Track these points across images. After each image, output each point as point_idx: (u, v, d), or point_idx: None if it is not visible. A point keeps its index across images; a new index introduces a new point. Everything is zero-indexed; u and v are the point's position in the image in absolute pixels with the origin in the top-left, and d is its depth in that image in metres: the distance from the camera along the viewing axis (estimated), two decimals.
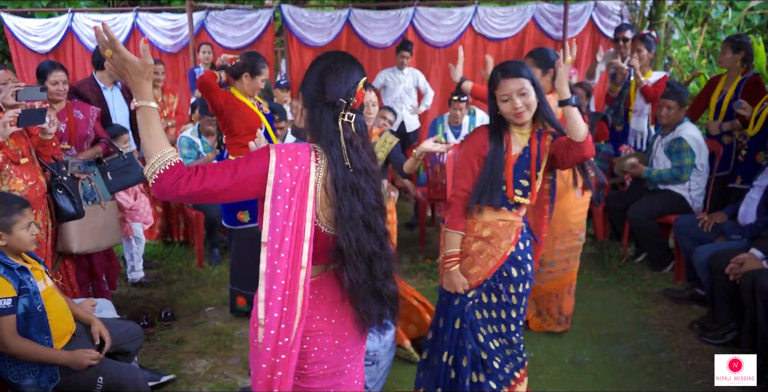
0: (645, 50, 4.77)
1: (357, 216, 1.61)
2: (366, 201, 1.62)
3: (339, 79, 1.62)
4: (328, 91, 1.62)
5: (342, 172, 1.59)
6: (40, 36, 7.05)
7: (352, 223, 1.61)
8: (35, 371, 2.29)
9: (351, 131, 1.63)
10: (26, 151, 3.03)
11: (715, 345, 3.33)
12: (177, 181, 1.50)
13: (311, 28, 6.95)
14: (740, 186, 4.11)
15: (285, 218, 1.56)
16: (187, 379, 3.11)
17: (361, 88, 1.65)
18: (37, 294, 2.27)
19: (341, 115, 1.61)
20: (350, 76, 1.64)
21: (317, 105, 1.63)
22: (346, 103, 1.61)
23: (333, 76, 1.63)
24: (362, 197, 1.61)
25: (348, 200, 1.60)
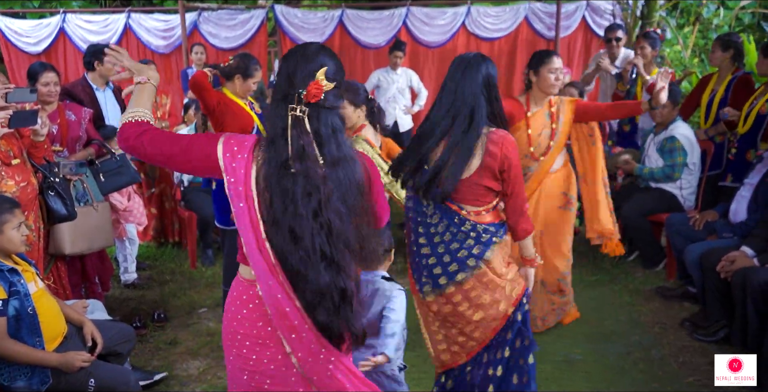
0: (649, 48, 4.72)
1: (281, 224, 1.46)
2: (300, 211, 1.45)
3: (297, 70, 1.50)
4: (284, 83, 1.51)
5: (274, 171, 1.46)
6: (32, 37, 7.03)
7: (275, 229, 1.47)
8: (27, 373, 2.29)
9: (302, 128, 1.47)
10: (18, 152, 3.02)
11: (706, 343, 3.35)
12: (140, 134, 1.55)
13: (304, 28, 6.95)
14: (731, 184, 4.13)
15: (237, 205, 1.50)
16: (180, 380, 3.11)
17: (319, 78, 1.48)
18: (27, 296, 2.26)
19: (291, 108, 1.48)
20: (307, 66, 1.50)
21: (276, 99, 1.53)
22: (296, 96, 1.48)
23: (292, 67, 1.51)
24: (295, 204, 1.45)
25: (276, 204, 1.46)
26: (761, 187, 3.49)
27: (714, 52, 4.39)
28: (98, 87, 4.31)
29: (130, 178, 3.83)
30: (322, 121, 1.50)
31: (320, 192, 1.46)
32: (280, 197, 1.45)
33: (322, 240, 1.46)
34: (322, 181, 1.47)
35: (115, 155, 3.77)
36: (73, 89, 4.12)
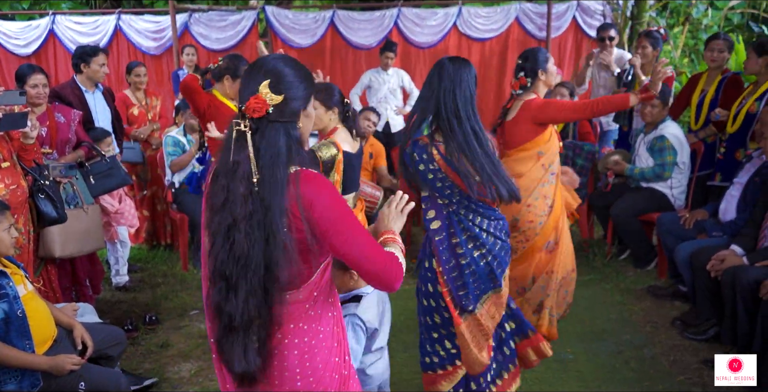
0: (650, 47, 4.67)
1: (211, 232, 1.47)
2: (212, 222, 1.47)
3: (243, 85, 1.49)
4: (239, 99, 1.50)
5: (211, 182, 1.49)
6: (21, 39, 6.98)
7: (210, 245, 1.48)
8: (17, 376, 2.28)
9: (242, 143, 1.43)
10: (7, 155, 3.00)
11: (696, 341, 3.37)
12: None
13: (295, 29, 6.94)
14: (720, 183, 4.15)
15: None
16: (172, 383, 3.10)
17: (262, 92, 1.44)
18: (17, 299, 2.25)
19: (235, 123, 1.45)
20: (251, 80, 1.47)
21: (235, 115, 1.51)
22: (239, 110, 1.46)
23: (242, 83, 1.51)
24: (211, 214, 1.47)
25: (208, 216, 1.48)
26: (750, 186, 3.52)
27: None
28: (87, 89, 4.28)
29: (120, 180, 3.82)
30: (265, 137, 1.44)
31: (236, 210, 1.42)
32: (211, 206, 1.47)
33: (224, 258, 1.43)
34: (242, 201, 1.41)
35: (105, 157, 3.75)
36: (62, 91, 4.10)
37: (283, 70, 1.48)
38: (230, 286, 1.43)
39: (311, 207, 1.44)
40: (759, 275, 3.00)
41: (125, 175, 3.87)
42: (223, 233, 1.43)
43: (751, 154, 3.74)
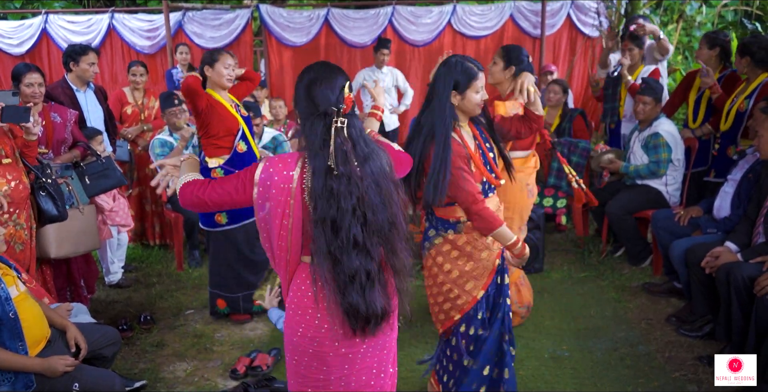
0: (636, 48, 4.71)
1: (327, 218, 1.69)
2: (342, 206, 1.68)
3: (325, 89, 1.72)
4: (319, 103, 1.71)
5: (320, 178, 1.69)
6: (14, 38, 6.94)
7: (322, 226, 1.70)
8: (10, 378, 2.26)
9: (343, 136, 1.70)
10: (9, 151, 3.02)
11: (691, 338, 3.38)
12: (196, 188, 1.82)
13: (290, 27, 6.92)
14: (714, 179, 4.17)
15: (273, 212, 1.75)
16: (167, 383, 3.09)
17: (348, 93, 1.74)
18: (8, 301, 2.23)
19: (334, 121, 1.70)
20: (335, 84, 1.73)
21: (309, 117, 1.73)
22: (337, 110, 1.70)
23: (319, 88, 1.72)
24: (338, 201, 1.68)
25: (323, 203, 1.69)
26: (744, 183, 3.53)
27: (701, 49, 4.37)
28: (78, 88, 4.26)
29: (116, 181, 3.80)
30: (353, 127, 1.74)
31: (359, 189, 1.70)
32: (327, 197, 1.68)
33: (357, 231, 1.70)
34: (361, 180, 1.70)
35: (100, 158, 3.73)
36: (52, 91, 4.06)
37: (343, 72, 1.80)
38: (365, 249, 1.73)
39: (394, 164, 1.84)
40: (753, 272, 3.00)
41: (120, 175, 3.85)
42: (350, 211, 1.69)
43: (745, 151, 3.75)
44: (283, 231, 1.76)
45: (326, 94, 1.72)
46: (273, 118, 5.60)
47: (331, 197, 1.69)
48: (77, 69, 4.20)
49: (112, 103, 4.88)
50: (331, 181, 1.69)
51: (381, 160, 1.77)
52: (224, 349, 3.42)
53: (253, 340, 3.52)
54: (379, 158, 1.77)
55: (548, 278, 4.28)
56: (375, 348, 1.89)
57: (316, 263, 1.73)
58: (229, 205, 1.83)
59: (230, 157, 3.48)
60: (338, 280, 1.72)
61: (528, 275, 3.81)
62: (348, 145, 1.71)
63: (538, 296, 3.89)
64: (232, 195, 1.79)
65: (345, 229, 1.70)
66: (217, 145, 3.46)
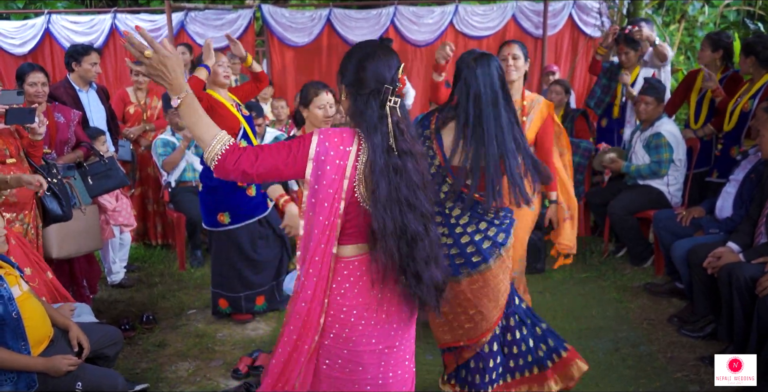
0: (632, 51, 4.70)
1: (400, 197, 1.65)
2: (411, 182, 1.67)
3: (382, 66, 1.68)
4: (374, 78, 1.67)
5: (382, 155, 1.64)
6: (17, 38, 6.94)
7: (391, 204, 1.65)
8: (12, 378, 2.26)
9: (397, 115, 1.68)
10: (14, 151, 3.03)
11: (693, 338, 3.38)
12: (238, 159, 1.66)
13: (292, 27, 6.92)
14: (717, 180, 4.16)
15: (323, 192, 1.66)
16: (169, 382, 3.10)
17: (402, 73, 1.71)
18: (11, 301, 2.24)
19: (388, 100, 1.66)
20: (391, 62, 1.70)
21: (362, 93, 1.68)
22: (392, 89, 1.66)
23: (375, 64, 1.68)
24: (406, 178, 1.66)
25: (387, 181, 1.64)
26: (746, 184, 3.52)
27: (703, 51, 4.34)
28: (81, 88, 4.27)
29: (118, 181, 3.81)
30: (402, 109, 1.71)
31: (420, 165, 1.71)
32: (392, 175, 1.64)
33: (429, 205, 1.72)
34: (421, 158, 1.72)
35: (103, 158, 3.74)
36: (55, 91, 4.08)
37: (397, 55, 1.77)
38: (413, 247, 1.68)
39: None
40: (755, 272, 3.00)
41: (123, 176, 3.86)
42: (421, 187, 1.70)
43: (747, 151, 3.75)
44: (333, 216, 1.67)
45: (382, 71, 1.68)
46: (275, 119, 5.60)
47: (397, 174, 1.65)
48: (79, 69, 4.21)
49: (114, 102, 4.89)
50: (395, 158, 1.65)
51: (422, 148, 1.77)
52: (226, 349, 3.42)
53: (255, 340, 3.52)
54: (421, 147, 1.77)
55: (550, 278, 4.28)
56: (407, 340, 1.87)
57: (382, 249, 1.66)
58: (276, 179, 1.75)
59: None
60: (418, 261, 1.68)
61: (529, 276, 3.81)
62: (404, 123, 1.70)
63: (539, 296, 3.89)
64: (281, 170, 1.68)
65: (422, 205, 1.69)
66: None
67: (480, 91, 2.30)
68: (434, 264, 1.73)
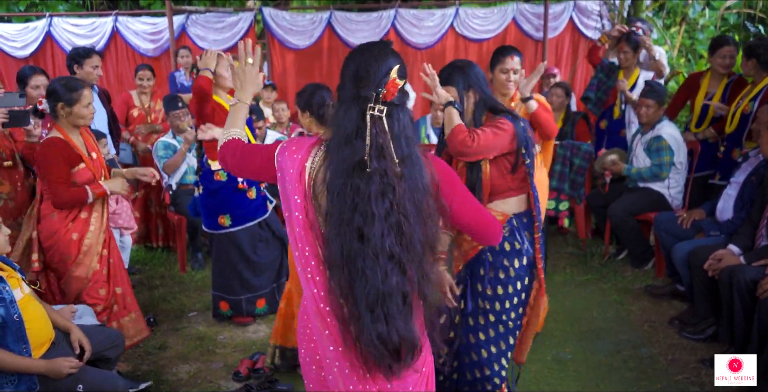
0: (631, 51, 4.68)
1: (349, 225, 1.41)
2: (373, 210, 1.41)
3: (371, 69, 1.48)
4: (359, 85, 1.47)
5: (341, 173, 1.43)
6: (19, 41, 6.97)
7: (340, 232, 1.42)
8: (13, 380, 2.26)
9: (380, 127, 1.43)
10: (9, 154, 3.01)
11: (694, 340, 3.37)
12: (226, 149, 1.72)
13: (293, 30, 6.95)
14: (719, 182, 4.16)
15: (289, 202, 1.53)
16: (170, 385, 3.10)
17: (394, 77, 1.45)
18: (13, 303, 2.24)
19: (370, 107, 1.44)
20: (381, 65, 1.48)
21: (345, 100, 1.50)
22: (375, 95, 1.44)
23: (362, 67, 1.49)
24: (368, 203, 1.41)
25: (341, 206, 1.42)
26: (747, 186, 3.52)
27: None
28: None
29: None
30: (395, 119, 1.47)
31: (395, 191, 1.42)
32: (349, 197, 1.41)
33: (392, 241, 1.42)
34: (398, 180, 1.43)
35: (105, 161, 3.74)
36: None
37: (397, 56, 1.54)
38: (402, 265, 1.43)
39: (441, 183, 1.56)
40: (756, 274, 3.00)
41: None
42: (382, 217, 1.41)
43: (748, 153, 3.75)
44: (298, 227, 1.49)
45: (370, 76, 1.47)
46: (276, 121, 5.61)
47: (358, 198, 1.40)
48: (81, 72, 4.21)
49: (118, 105, 4.90)
50: (358, 178, 1.41)
51: (422, 167, 1.48)
52: (227, 351, 3.42)
53: (255, 342, 3.52)
54: (420, 165, 1.47)
55: (550, 281, 4.27)
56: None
57: (332, 276, 1.45)
58: (258, 179, 1.73)
59: None
60: (360, 303, 1.41)
61: None
62: (386, 138, 1.43)
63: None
64: (257, 173, 1.66)
65: (376, 238, 1.40)
66: None
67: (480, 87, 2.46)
68: (384, 317, 1.41)
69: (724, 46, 4.26)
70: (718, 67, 4.31)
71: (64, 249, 2.87)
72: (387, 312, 1.42)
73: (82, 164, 2.86)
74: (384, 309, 1.41)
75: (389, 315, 1.42)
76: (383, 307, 1.41)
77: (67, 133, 2.86)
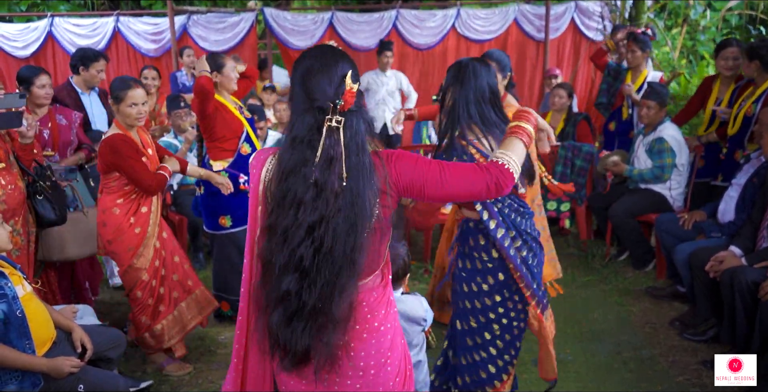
0: (639, 51, 4.67)
1: (277, 226, 1.44)
2: (299, 218, 1.41)
3: (322, 79, 1.42)
4: (314, 96, 1.42)
5: (285, 175, 1.43)
6: (20, 41, 6.99)
7: (269, 232, 1.46)
8: (17, 376, 2.27)
9: (335, 138, 1.40)
10: (3, 155, 2.98)
11: (695, 342, 3.37)
12: None
13: (294, 31, 6.95)
14: (721, 184, 4.15)
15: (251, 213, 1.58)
16: (171, 384, 3.10)
17: (351, 84, 1.41)
18: (15, 299, 2.24)
19: (328, 119, 1.40)
20: (333, 73, 1.42)
21: (298, 111, 1.44)
22: (333, 107, 1.39)
23: (314, 78, 1.42)
24: (297, 210, 1.41)
25: (275, 208, 1.44)
26: (749, 187, 3.52)
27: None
28: (83, 91, 4.28)
29: None
30: (350, 128, 1.43)
31: (327, 207, 1.40)
32: (286, 201, 1.42)
33: (306, 253, 1.41)
34: (335, 198, 1.41)
35: None
36: (57, 93, 4.07)
37: (348, 59, 1.48)
38: (308, 277, 1.43)
39: (399, 177, 1.49)
40: (757, 276, 3.00)
41: None
42: (306, 228, 1.41)
43: (750, 155, 3.75)
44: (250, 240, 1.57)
45: (323, 86, 1.41)
46: (277, 121, 5.62)
47: (292, 203, 1.41)
48: (86, 74, 4.22)
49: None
50: (296, 184, 1.41)
51: (369, 176, 1.44)
52: (227, 351, 3.42)
53: None
54: (367, 173, 1.44)
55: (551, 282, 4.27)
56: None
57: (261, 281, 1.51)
58: None
59: (234, 159, 3.50)
60: (266, 298, 1.48)
61: None
62: (338, 150, 1.40)
63: None
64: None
65: (292, 244, 1.42)
66: (222, 148, 3.47)
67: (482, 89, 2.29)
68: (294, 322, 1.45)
69: (727, 48, 4.25)
70: (721, 69, 4.30)
71: (129, 241, 3.02)
72: (307, 324, 1.44)
73: (144, 158, 3.01)
74: (284, 311, 1.45)
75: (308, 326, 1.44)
76: (283, 309, 1.45)
77: (128, 129, 3.02)
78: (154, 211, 3.11)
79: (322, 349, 1.46)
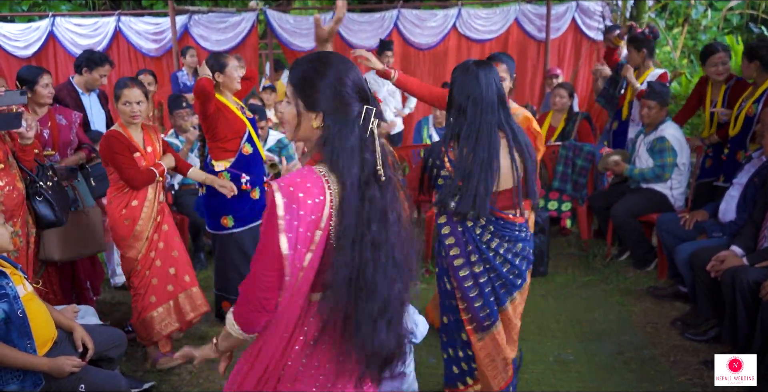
0: (634, 51, 4.67)
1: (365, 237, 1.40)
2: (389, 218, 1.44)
3: (355, 83, 1.42)
4: (351, 101, 1.41)
5: (355, 191, 1.39)
6: (21, 41, 7.00)
7: (353, 247, 1.40)
8: (19, 376, 2.27)
9: (379, 139, 1.44)
10: (2, 156, 2.97)
11: (697, 342, 3.37)
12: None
13: (296, 32, 6.96)
14: (723, 184, 4.15)
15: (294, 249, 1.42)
16: (172, 384, 3.10)
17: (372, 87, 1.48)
18: (17, 299, 2.24)
19: (372, 122, 1.41)
20: (357, 77, 1.44)
21: (342, 120, 1.40)
22: (375, 109, 1.42)
23: (349, 82, 1.42)
24: (382, 212, 1.43)
25: (355, 221, 1.40)
26: (750, 187, 3.52)
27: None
28: (83, 91, 4.29)
29: None
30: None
31: (398, 199, 1.46)
32: (364, 209, 1.40)
33: (398, 249, 1.45)
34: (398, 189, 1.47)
35: None
36: (58, 93, 4.07)
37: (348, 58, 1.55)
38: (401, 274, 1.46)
39: None
40: (759, 276, 3.00)
41: None
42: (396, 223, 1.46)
43: (751, 155, 3.74)
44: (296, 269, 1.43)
45: (358, 90, 1.42)
46: (278, 121, 5.62)
47: (372, 208, 1.39)
48: (88, 76, 4.22)
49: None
50: (373, 190, 1.41)
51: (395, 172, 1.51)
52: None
53: None
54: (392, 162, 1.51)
55: (552, 282, 4.27)
56: None
57: (329, 297, 1.41)
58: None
59: (236, 159, 3.50)
60: (363, 314, 1.41)
61: (532, 279, 3.80)
62: (385, 148, 1.45)
63: (542, 300, 3.89)
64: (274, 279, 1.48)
65: (388, 245, 1.41)
66: (224, 148, 3.47)
67: (481, 95, 2.27)
68: (386, 327, 1.44)
69: (714, 54, 4.23)
70: (712, 75, 4.30)
71: (120, 231, 3.16)
72: (390, 320, 1.45)
73: (137, 154, 3.11)
74: (388, 316, 1.44)
75: (392, 321, 1.45)
76: (388, 315, 1.44)
77: (126, 127, 3.14)
78: (147, 206, 3.18)
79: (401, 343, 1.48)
